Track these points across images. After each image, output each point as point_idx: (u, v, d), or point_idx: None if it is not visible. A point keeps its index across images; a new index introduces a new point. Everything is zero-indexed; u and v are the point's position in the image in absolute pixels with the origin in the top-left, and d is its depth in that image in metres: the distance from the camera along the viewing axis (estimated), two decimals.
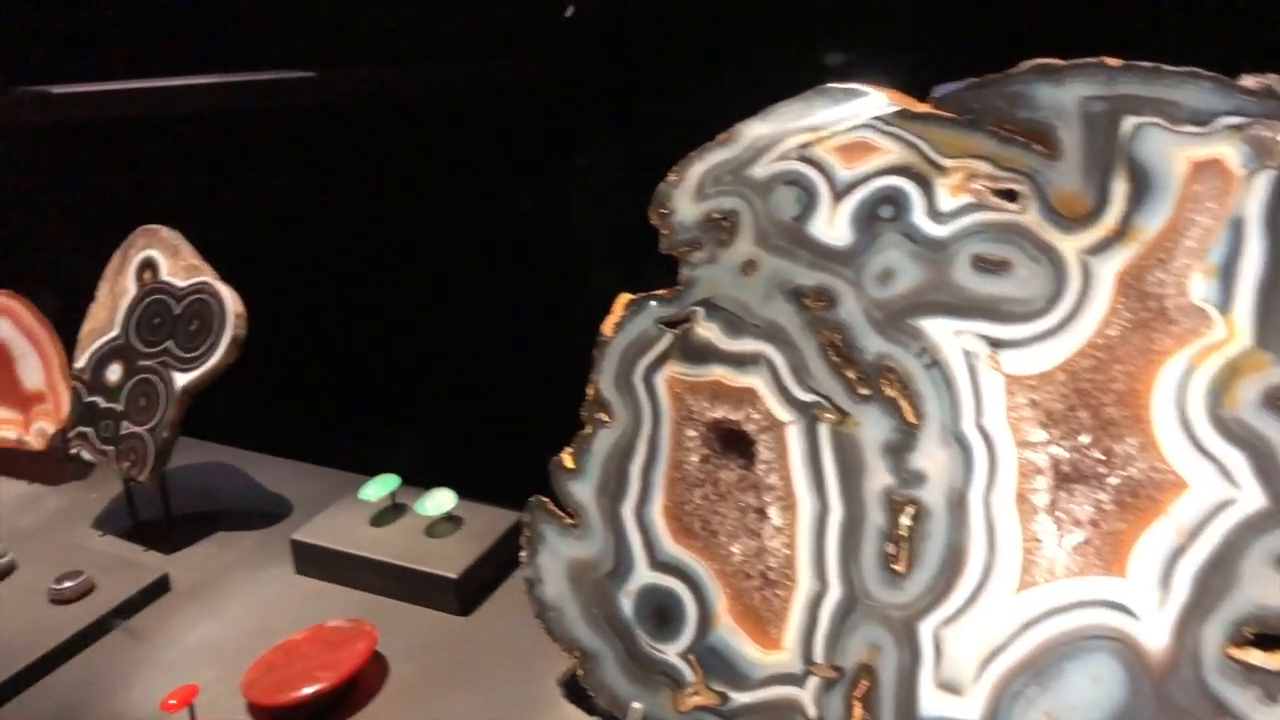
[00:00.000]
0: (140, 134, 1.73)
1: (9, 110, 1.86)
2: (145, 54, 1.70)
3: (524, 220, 1.46)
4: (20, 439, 1.20)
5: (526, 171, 1.46)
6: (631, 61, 1.40)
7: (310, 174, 1.60)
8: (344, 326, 1.53)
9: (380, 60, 1.55)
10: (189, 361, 1.02)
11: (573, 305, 1.44)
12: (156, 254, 1.06)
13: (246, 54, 1.63)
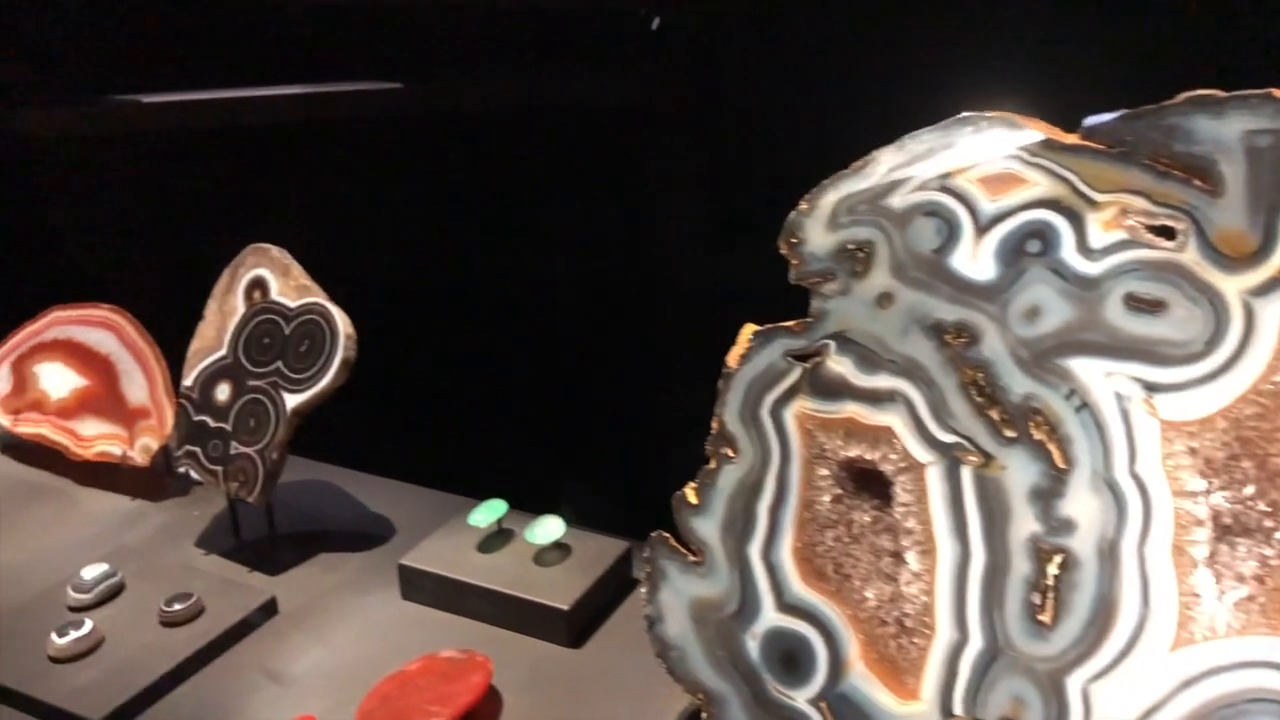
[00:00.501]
0: (230, 145, 1.76)
1: (100, 120, 1.90)
2: (232, 64, 1.72)
3: (628, 239, 1.45)
4: (125, 454, 1.23)
5: (623, 186, 1.46)
6: (718, 74, 1.40)
7: (402, 187, 1.61)
8: (444, 344, 1.54)
9: (467, 73, 1.56)
10: (299, 383, 1.04)
11: (663, 324, 1.43)
12: (266, 273, 1.08)
13: (333, 66, 1.65)
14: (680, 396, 1.44)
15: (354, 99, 1.67)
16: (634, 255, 1.47)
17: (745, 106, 1.37)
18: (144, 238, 1.82)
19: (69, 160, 1.89)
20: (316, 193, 1.67)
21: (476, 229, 1.55)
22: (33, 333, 1.32)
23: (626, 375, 1.47)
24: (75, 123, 1.91)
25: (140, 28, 1.74)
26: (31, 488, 1.28)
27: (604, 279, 1.49)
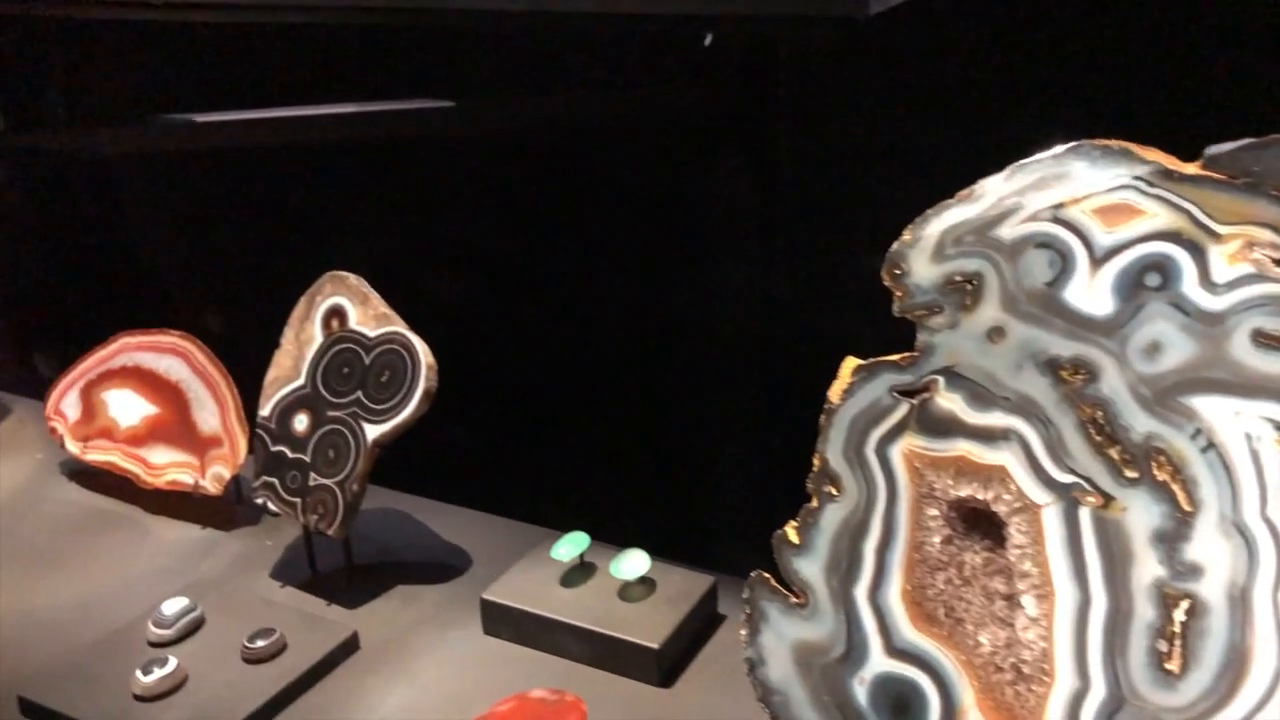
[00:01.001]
0: (290, 165, 1.77)
1: (152, 139, 1.92)
2: (291, 82, 1.74)
3: (691, 259, 1.45)
4: (197, 483, 1.23)
5: (680, 204, 1.46)
6: (771, 90, 1.39)
7: (463, 207, 1.62)
8: (510, 368, 1.54)
9: (522, 91, 1.57)
10: (380, 413, 1.04)
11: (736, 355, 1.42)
12: (344, 301, 1.08)
13: (390, 83, 1.66)
14: (752, 426, 1.43)
15: (411, 118, 1.67)
16: (696, 276, 1.46)
17: (799, 123, 1.37)
18: (208, 261, 1.84)
19: (134, 182, 1.92)
20: (378, 213, 1.68)
21: (537, 250, 1.55)
22: (101, 359, 1.34)
23: (696, 403, 1.46)
24: (133, 142, 1.94)
25: (204, 48, 1.76)
26: (102, 516, 1.29)
27: (669, 301, 1.48)
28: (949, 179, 1.05)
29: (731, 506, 1.46)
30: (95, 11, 1.57)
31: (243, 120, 1.82)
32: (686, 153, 1.44)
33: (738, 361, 1.42)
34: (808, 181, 1.37)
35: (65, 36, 1.91)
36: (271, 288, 1.75)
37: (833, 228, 1.36)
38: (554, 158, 1.55)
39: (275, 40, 1.66)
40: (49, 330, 1.95)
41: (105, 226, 1.94)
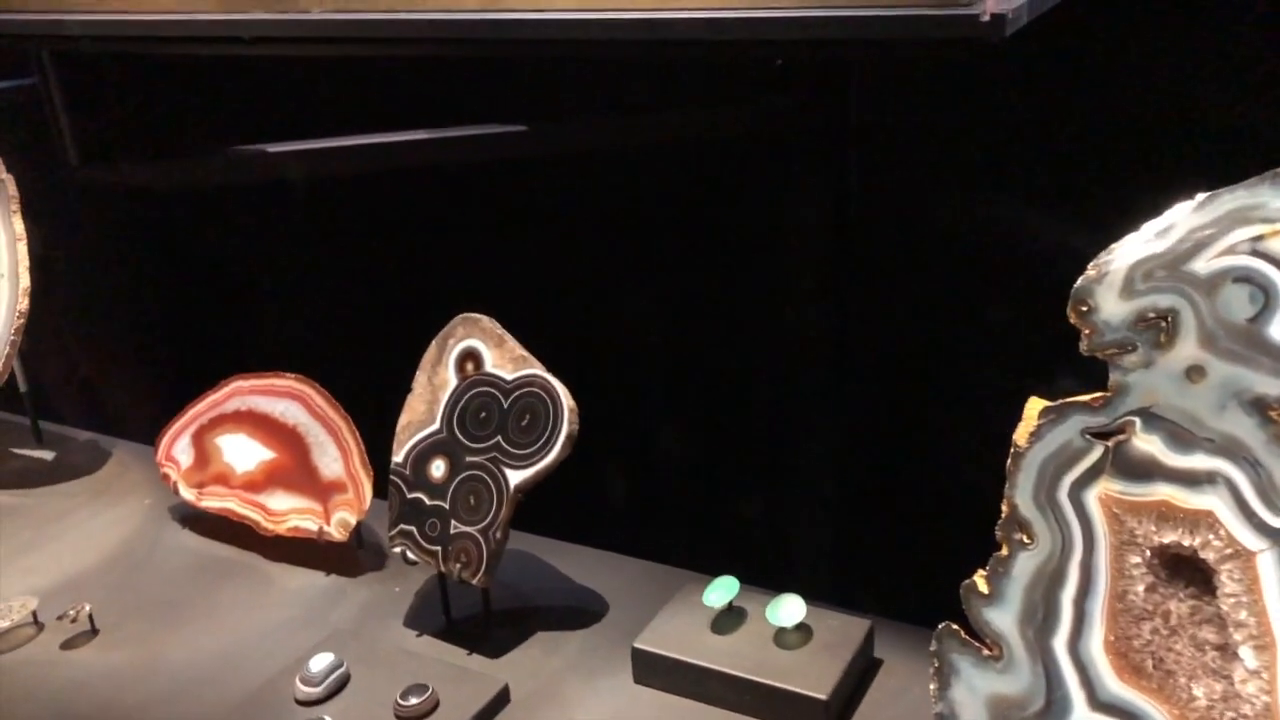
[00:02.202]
0: (372, 193, 1.79)
1: (223, 171, 1.94)
2: (359, 111, 1.75)
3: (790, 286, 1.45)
4: (321, 529, 1.25)
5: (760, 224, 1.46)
6: (845, 110, 1.39)
7: (556, 232, 1.62)
8: (632, 404, 1.55)
9: (591, 114, 1.57)
10: (522, 458, 1.05)
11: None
12: (479, 344, 1.09)
13: (459, 110, 1.67)
14: (879, 457, 1.43)
15: (474, 142, 1.68)
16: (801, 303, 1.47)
17: (876, 140, 1.37)
18: (307, 300, 1.86)
19: (222, 214, 1.94)
20: (467, 240, 1.69)
21: (631, 279, 1.56)
22: (213, 403, 1.36)
23: (820, 439, 1.46)
24: (209, 175, 1.96)
25: (277, 78, 1.77)
26: (221, 564, 1.31)
27: (787, 331, 1.48)
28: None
29: (870, 544, 1.46)
30: (186, 48, 1.59)
31: (321, 149, 1.84)
32: (771, 173, 1.45)
33: (866, 395, 1.42)
34: (886, 201, 1.38)
35: (137, 70, 1.94)
36: (365, 321, 1.78)
37: (924, 252, 1.36)
38: (646, 179, 1.55)
39: (349, 69, 1.67)
40: (150, 371, 1.98)
41: (205, 262, 1.97)
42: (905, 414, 1.40)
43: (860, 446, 1.44)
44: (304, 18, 1.32)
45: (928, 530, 1.37)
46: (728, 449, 1.51)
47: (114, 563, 1.33)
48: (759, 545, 1.45)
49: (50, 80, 2.02)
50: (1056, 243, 1.02)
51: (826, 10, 1.08)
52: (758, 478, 1.50)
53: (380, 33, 1.30)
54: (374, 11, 1.29)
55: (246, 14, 1.36)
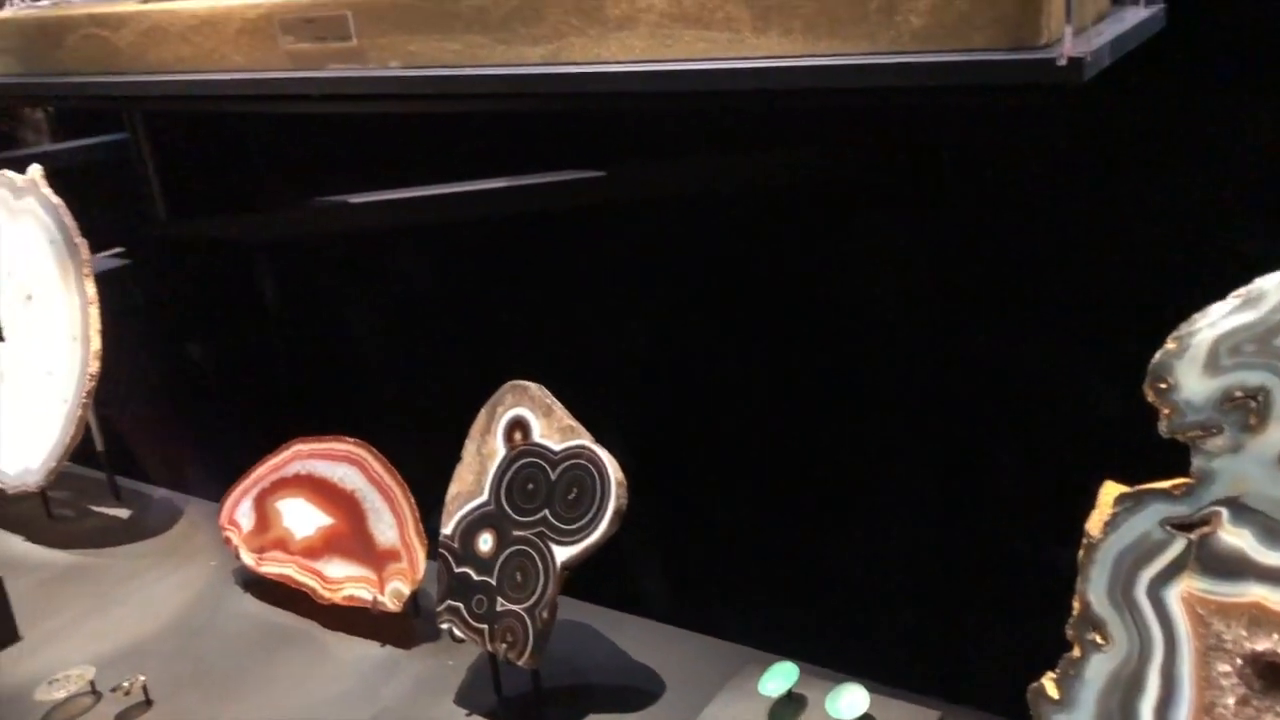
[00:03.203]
0: (442, 244, 1.79)
1: (309, 222, 1.97)
2: (438, 161, 1.75)
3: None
4: (375, 599, 1.23)
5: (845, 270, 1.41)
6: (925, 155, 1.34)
7: (634, 286, 1.59)
8: (698, 468, 1.51)
9: (678, 159, 1.55)
10: (569, 534, 1.01)
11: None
12: (527, 413, 1.06)
13: (531, 160, 1.66)
14: (953, 534, 1.36)
15: (552, 189, 1.67)
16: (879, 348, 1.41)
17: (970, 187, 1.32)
18: (374, 357, 1.87)
19: (298, 269, 1.97)
20: (540, 291, 1.67)
21: (692, 338, 1.52)
22: (274, 466, 1.35)
23: (894, 509, 1.39)
24: (291, 227, 1.99)
25: (356, 130, 1.79)
26: (279, 632, 1.30)
27: (859, 385, 1.43)
28: None
29: (941, 626, 1.39)
30: (259, 105, 1.61)
31: (398, 200, 1.85)
32: (856, 219, 1.40)
33: (939, 468, 1.36)
34: (983, 247, 1.32)
35: (222, 127, 1.98)
36: (432, 378, 1.77)
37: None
38: (727, 226, 1.52)
39: (422, 121, 1.68)
40: (226, 426, 2.01)
41: (280, 316, 2.00)
42: (982, 490, 1.33)
43: (934, 523, 1.37)
44: (364, 74, 1.32)
45: (1005, 613, 1.29)
46: (792, 521, 1.45)
47: (175, 628, 1.32)
48: (821, 623, 1.39)
49: (140, 137, 2.08)
50: (1135, 314, 0.95)
51: (889, 57, 1.03)
52: (822, 552, 1.44)
53: (444, 89, 1.30)
54: (438, 67, 1.28)
55: (316, 71, 1.37)
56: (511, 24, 1.21)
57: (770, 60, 1.09)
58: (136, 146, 2.05)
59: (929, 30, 1.00)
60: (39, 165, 1.54)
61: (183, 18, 1.44)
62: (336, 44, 1.33)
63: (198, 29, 1.44)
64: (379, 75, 1.31)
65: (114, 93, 1.62)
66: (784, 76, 1.09)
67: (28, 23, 1.65)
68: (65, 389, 1.46)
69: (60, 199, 1.51)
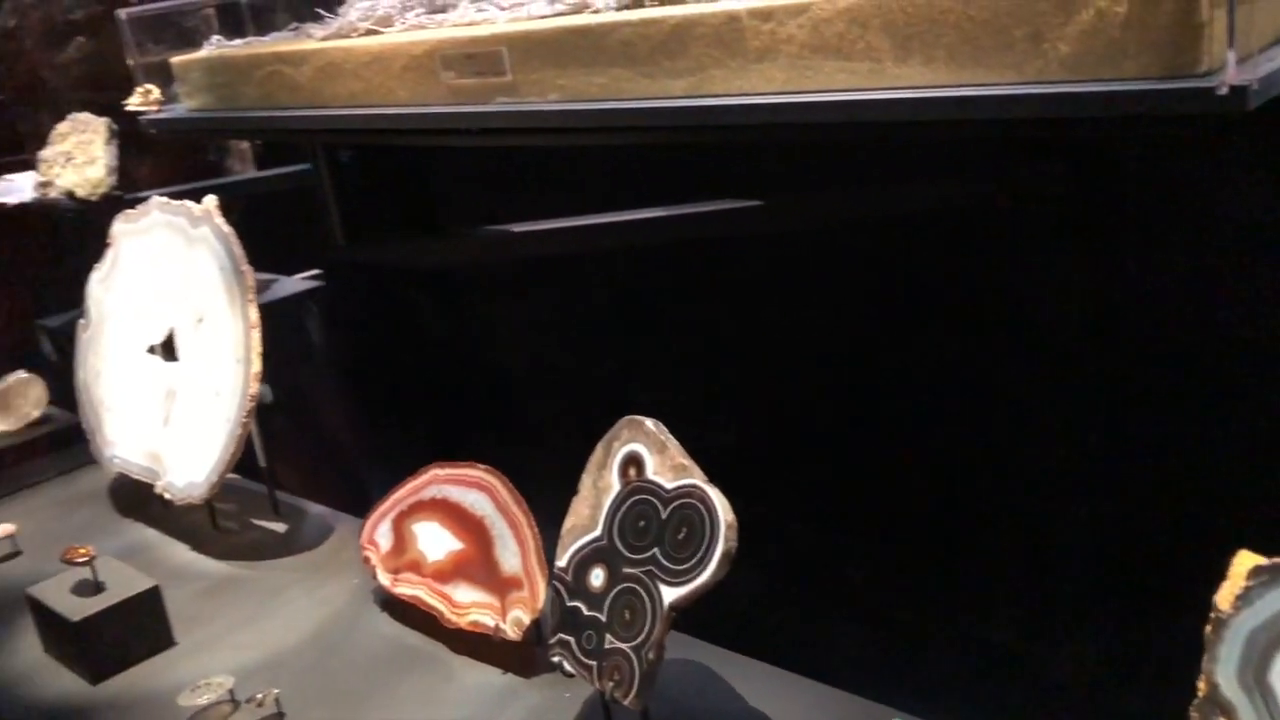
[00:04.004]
0: (599, 272, 1.80)
1: (472, 248, 2.01)
2: (596, 190, 1.77)
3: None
4: (497, 626, 1.24)
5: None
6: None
7: (770, 319, 1.57)
8: (827, 502, 1.47)
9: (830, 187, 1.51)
10: (677, 575, 0.99)
11: None
12: (641, 449, 1.05)
13: (684, 189, 1.66)
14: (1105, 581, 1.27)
15: (707, 219, 1.66)
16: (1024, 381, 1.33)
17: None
18: (526, 379, 1.90)
19: (479, 295, 2.02)
20: (690, 316, 1.66)
21: (858, 371, 1.47)
22: (413, 489, 1.38)
23: (1053, 549, 1.31)
24: (460, 253, 2.05)
25: (519, 161, 1.83)
26: (409, 653, 1.32)
27: (1001, 412, 1.35)
28: None
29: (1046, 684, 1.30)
30: (418, 139, 1.67)
31: (555, 229, 1.88)
32: (1009, 247, 1.34)
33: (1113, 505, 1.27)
34: (1142, 278, 1.24)
35: (395, 156, 2.06)
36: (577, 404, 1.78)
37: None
38: (871, 255, 1.48)
39: (577, 151, 1.70)
40: (377, 445, 2.08)
41: (437, 343, 2.06)
42: (1125, 548, 1.24)
43: (1073, 576, 1.28)
44: (516, 108, 1.35)
45: (1123, 673, 1.20)
46: (924, 572, 1.39)
47: (313, 643, 1.36)
48: (945, 679, 1.32)
49: (321, 166, 2.19)
50: None
51: (1037, 87, 0.98)
52: (954, 604, 1.37)
53: (589, 121, 1.31)
54: (585, 101, 1.30)
55: (472, 105, 1.41)
56: (656, 57, 1.21)
57: (912, 91, 1.05)
58: (317, 175, 2.15)
59: (1078, 58, 0.95)
60: (214, 196, 1.63)
61: (356, 54, 1.51)
62: (492, 79, 1.36)
63: (369, 65, 1.50)
64: (530, 109, 1.34)
65: (293, 125, 1.71)
66: (926, 107, 1.05)
67: (221, 61, 1.76)
68: (229, 409, 1.53)
69: (232, 228, 1.59)
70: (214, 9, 1.97)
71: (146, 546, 1.67)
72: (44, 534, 1.73)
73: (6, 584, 1.60)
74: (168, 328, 1.66)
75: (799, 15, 1.10)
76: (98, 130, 2.08)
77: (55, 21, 2.31)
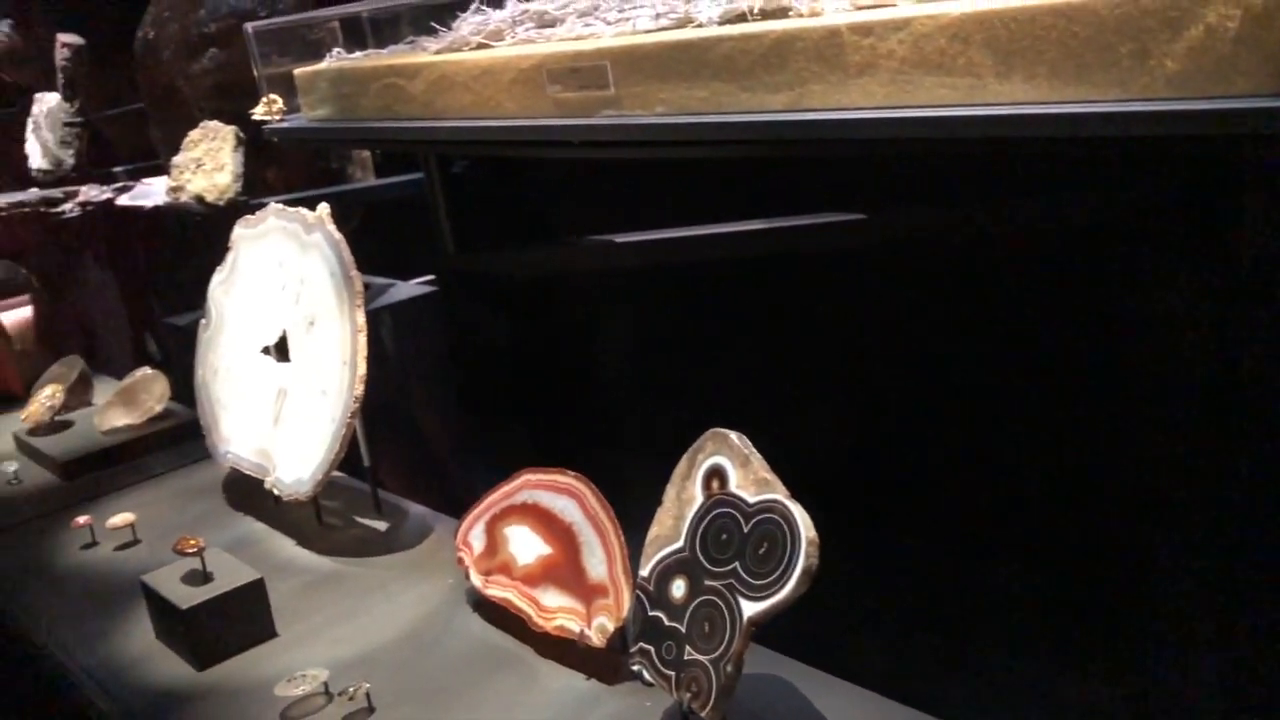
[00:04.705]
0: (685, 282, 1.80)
1: (577, 258, 2.03)
2: (697, 202, 1.77)
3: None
4: (582, 632, 1.25)
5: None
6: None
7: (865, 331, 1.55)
8: (921, 522, 1.44)
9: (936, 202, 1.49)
10: (757, 590, 0.99)
11: None
12: (725, 462, 1.05)
13: (786, 202, 1.65)
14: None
15: (810, 232, 1.65)
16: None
17: None
18: (615, 387, 1.91)
19: (579, 302, 2.05)
20: (784, 333, 1.65)
21: (960, 389, 1.44)
22: (506, 493, 1.40)
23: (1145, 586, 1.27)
24: (561, 263, 2.07)
25: (619, 172, 1.84)
26: (497, 654, 1.34)
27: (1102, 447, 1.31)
28: None
29: None
30: (527, 150, 1.69)
31: (657, 240, 1.89)
32: (1113, 265, 1.30)
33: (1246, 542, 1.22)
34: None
35: (503, 167, 2.10)
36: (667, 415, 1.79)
37: None
38: (969, 270, 1.45)
39: (681, 164, 1.70)
40: (477, 448, 2.11)
41: (543, 348, 2.09)
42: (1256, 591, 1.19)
43: (1195, 613, 1.23)
44: (619, 121, 1.37)
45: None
46: (1028, 600, 1.35)
47: (406, 640, 1.38)
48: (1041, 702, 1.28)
49: (433, 175, 2.24)
50: None
51: (1142, 104, 0.96)
52: (1042, 625, 1.33)
53: (689, 135, 1.32)
54: (686, 114, 1.30)
55: (577, 118, 1.43)
56: (756, 71, 1.21)
57: (1014, 107, 1.04)
58: (430, 184, 2.20)
59: (1187, 75, 0.92)
60: (326, 204, 1.68)
61: (467, 68, 1.54)
62: (596, 92, 1.38)
63: (479, 78, 1.53)
64: (632, 122, 1.35)
65: (406, 136, 1.76)
66: (1028, 124, 1.03)
67: (339, 73, 1.82)
68: (334, 409, 1.57)
69: (345, 235, 1.64)
70: (337, 22, 2.03)
71: (254, 539, 1.73)
72: (160, 523, 1.80)
73: (125, 570, 1.67)
74: (281, 329, 1.71)
75: (900, 30, 1.08)
76: (226, 138, 2.16)
77: (190, 34, 2.40)
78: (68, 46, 2.74)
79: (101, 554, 1.76)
